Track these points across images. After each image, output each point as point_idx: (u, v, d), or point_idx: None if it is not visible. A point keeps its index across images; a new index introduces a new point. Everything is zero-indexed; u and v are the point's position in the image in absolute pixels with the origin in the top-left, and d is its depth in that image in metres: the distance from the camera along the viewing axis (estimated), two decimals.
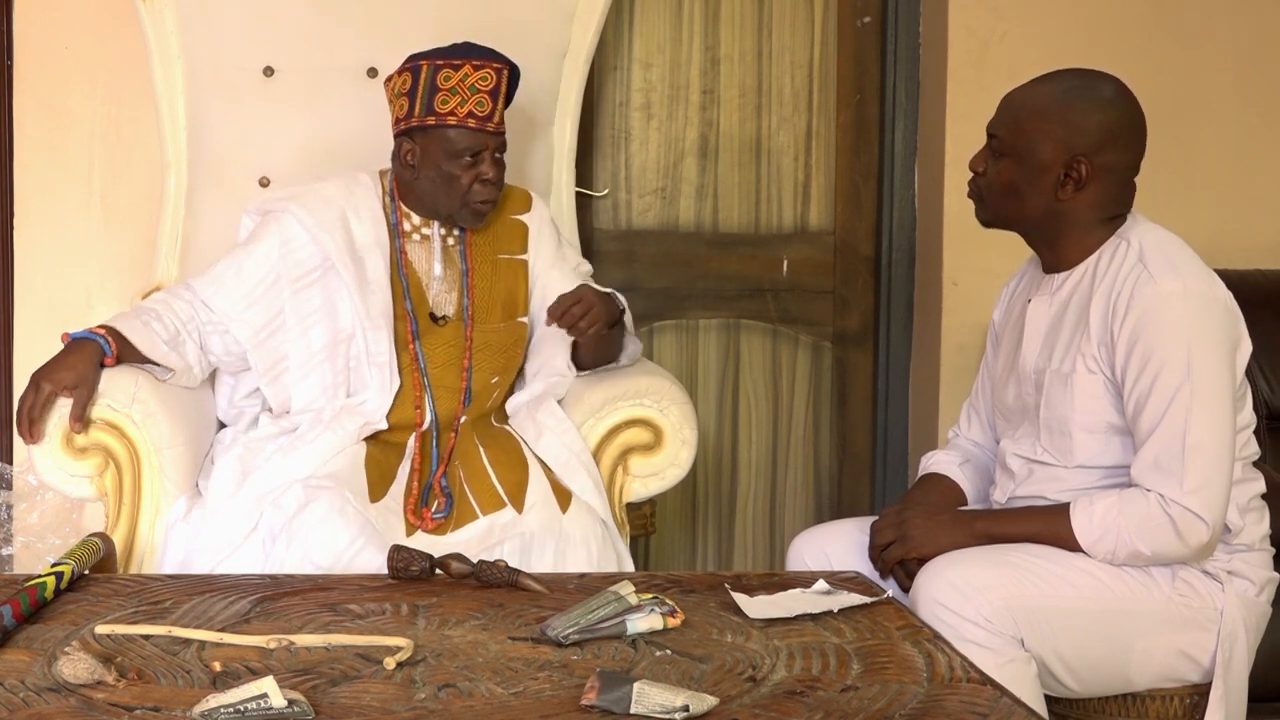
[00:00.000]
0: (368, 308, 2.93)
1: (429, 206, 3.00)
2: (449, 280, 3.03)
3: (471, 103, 2.89)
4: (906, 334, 4.07)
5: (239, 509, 2.78)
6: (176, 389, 2.90)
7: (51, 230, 3.68)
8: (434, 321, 3.00)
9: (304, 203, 2.99)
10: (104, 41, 3.63)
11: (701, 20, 4.02)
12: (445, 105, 2.89)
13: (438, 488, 2.87)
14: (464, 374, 2.98)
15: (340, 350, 2.94)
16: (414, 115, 2.91)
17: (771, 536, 4.14)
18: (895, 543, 2.55)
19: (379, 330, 2.93)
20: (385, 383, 2.92)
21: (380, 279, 2.96)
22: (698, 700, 1.78)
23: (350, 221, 2.99)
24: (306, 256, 2.96)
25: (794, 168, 4.08)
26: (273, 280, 2.95)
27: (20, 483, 3.58)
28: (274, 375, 2.95)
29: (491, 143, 2.92)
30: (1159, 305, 2.39)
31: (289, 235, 2.96)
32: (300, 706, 1.74)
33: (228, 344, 2.94)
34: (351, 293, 2.93)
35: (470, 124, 2.89)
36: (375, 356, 2.92)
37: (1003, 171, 2.52)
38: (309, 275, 2.95)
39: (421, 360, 2.95)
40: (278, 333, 2.94)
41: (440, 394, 2.96)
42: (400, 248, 3.01)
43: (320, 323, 2.95)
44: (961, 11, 3.84)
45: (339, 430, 2.87)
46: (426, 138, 2.92)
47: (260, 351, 2.94)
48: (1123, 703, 2.49)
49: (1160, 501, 2.37)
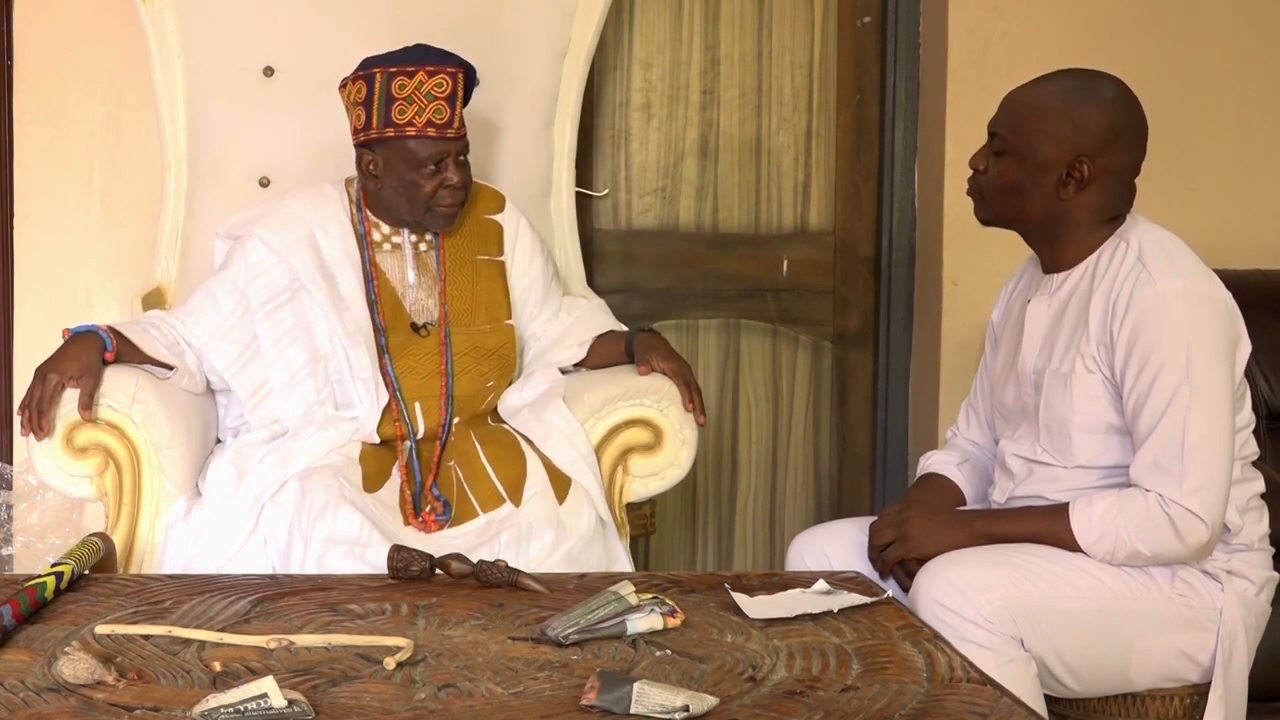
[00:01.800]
0: (344, 325, 2.92)
1: (395, 215, 2.98)
2: (425, 286, 3.02)
3: (429, 111, 2.86)
4: (906, 334, 4.07)
5: (236, 511, 2.78)
6: (177, 390, 2.90)
7: (51, 230, 3.68)
8: (416, 331, 2.99)
9: (269, 224, 2.97)
10: (104, 41, 3.63)
11: (701, 20, 4.02)
12: (403, 115, 2.86)
13: (430, 496, 2.87)
14: (444, 380, 2.97)
15: (320, 368, 2.93)
16: (372, 127, 2.89)
17: (771, 536, 4.14)
18: (895, 543, 2.55)
19: (358, 346, 2.91)
20: (373, 397, 2.91)
21: (354, 294, 2.95)
22: (698, 700, 1.78)
23: (318, 238, 2.97)
24: (275, 278, 2.95)
25: (794, 168, 4.08)
26: (244, 309, 2.94)
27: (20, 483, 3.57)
28: (259, 399, 2.94)
29: (453, 148, 2.90)
30: (1158, 305, 2.39)
31: (255, 260, 2.95)
32: (300, 706, 1.74)
33: (209, 368, 2.95)
34: (326, 312, 2.92)
35: (430, 133, 2.86)
36: (359, 372, 2.91)
37: (1004, 170, 2.51)
38: (278, 297, 2.94)
39: (393, 374, 2.94)
40: (255, 359, 2.94)
41: (428, 404, 2.96)
42: (370, 259, 3.00)
43: (296, 342, 2.94)
44: (961, 11, 3.84)
45: (331, 431, 2.87)
46: (387, 149, 2.89)
47: (240, 379, 2.94)
48: (1123, 703, 2.49)
49: (1160, 502, 2.37)
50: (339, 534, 2.65)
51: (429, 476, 2.89)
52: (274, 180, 3.32)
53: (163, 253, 3.36)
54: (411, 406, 2.94)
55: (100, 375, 2.76)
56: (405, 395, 2.94)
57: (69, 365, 2.74)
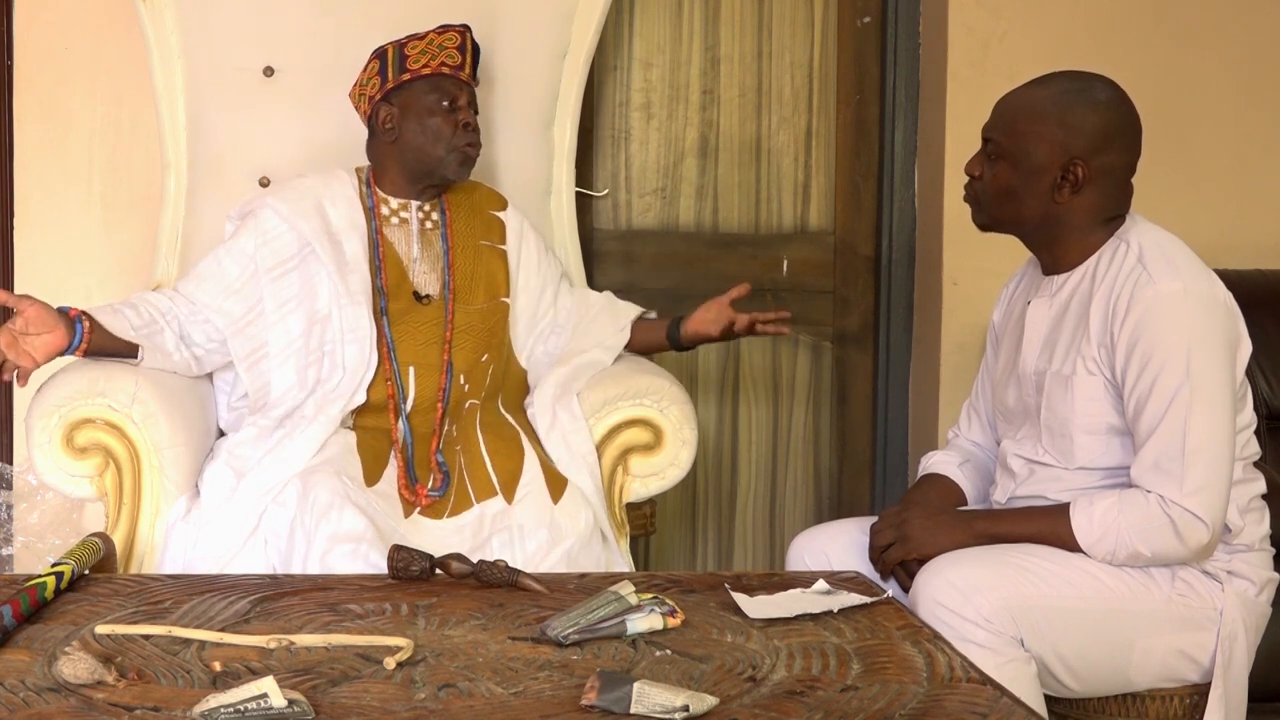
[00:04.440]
0: (347, 285, 2.96)
1: (411, 170, 3.03)
2: (428, 261, 3.05)
3: (441, 56, 3.00)
4: (906, 334, 4.06)
5: (236, 512, 2.78)
6: (177, 389, 2.90)
7: (51, 230, 3.68)
8: (418, 300, 3.02)
9: (280, 194, 3.05)
10: (104, 42, 3.63)
11: (701, 20, 4.02)
12: (416, 62, 3.00)
13: (434, 462, 2.88)
14: (445, 351, 2.98)
15: (315, 332, 2.97)
16: (387, 81, 3.00)
17: (771, 536, 4.14)
18: (895, 543, 2.55)
19: (359, 305, 2.96)
20: (364, 356, 2.94)
21: (359, 258, 3.00)
22: (698, 700, 1.78)
23: (326, 207, 3.03)
24: (284, 245, 3.00)
25: (794, 168, 4.08)
26: (251, 273, 2.99)
27: (20, 483, 3.58)
28: (253, 361, 2.98)
29: (465, 91, 3.01)
30: (1159, 306, 2.39)
31: (266, 228, 3.01)
32: (300, 706, 1.74)
33: (209, 333, 2.96)
34: (330, 273, 2.97)
35: (444, 70, 2.99)
36: (355, 332, 2.94)
37: (999, 175, 2.51)
38: (287, 263, 2.99)
39: (389, 337, 2.97)
40: (256, 321, 2.98)
41: (421, 370, 2.97)
42: (378, 229, 3.04)
43: (298, 309, 2.98)
44: (961, 11, 3.84)
45: (323, 420, 2.88)
46: (402, 96, 3.00)
47: (239, 339, 2.97)
48: (1123, 703, 2.49)
49: (1160, 503, 2.37)
50: (342, 532, 2.65)
51: (430, 444, 2.90)
52: (274, 180, 3.32)
53: (163, 253, 3.36)
54: (405, 370, 2.95)
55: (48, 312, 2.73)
56: (399, 359, 2.96)
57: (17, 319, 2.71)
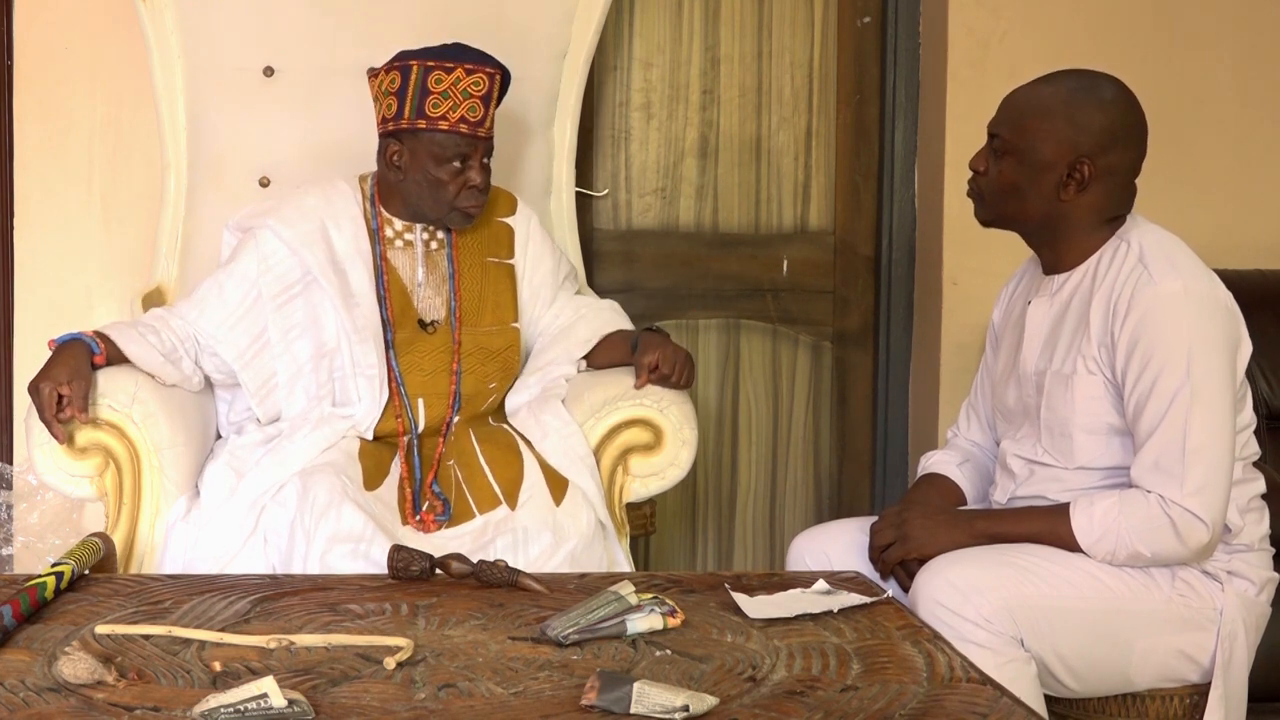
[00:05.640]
0: (353, 320, 2.92)
1: (413, 209, 2.99)
2: (433, 285, 3.02)
3: (464, 108, 2.88)
4: (906, 334, 4.06)
5: (235, 513, 2.78)
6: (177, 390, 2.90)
7: (51, 231, 3.67)
8: (423, 328, 2.99)
9: (282, 217, 2.97)
10: (104, 42, 3.63)
11: (701, 20, 4.02)
12: (437, 109, 2.87)
13: (430, 493, 2.87)
14: (453, 378, 2.98)
15: (324, 363, 2.94)
16: (403, 117, 2.90)
17: (771, 536, 4.14)
18: (895, 543, 2.55)
19: (366, 343, 2.92)
20: (375, 395, 2.91)
21: (365, 290, 2.95)
22: (698, 700, 1.78)
23: (330, 232, 2.97)
24: (287, 271, 2.95)
25: (794, 168, 4.08)
26: (254, 299, 2.94)
27: (20, 483, 3.57)
28: (265, 393, 2.95)
29: (481, 147, 2.92)
30: (1159, 306, 2.39)
31: (268, 251, 2.95)
32: (300, 706, 1.74)
33: (217, 364, 2.95)
34: (336, 306, 2.93)
35: (462, 129, 2.88)
36: (364, 369, 2.92)
37: (1004, 171, 2.51)
38: (291, 289, 2.95)
39: (397, 371, 2.94)
40: (263, 351, 2.94)
41: (430, 400, 2.96)
42: (382, 254, 3.00)
43: (304, 335, 2.94)
44: (961, 11, 3.84)
45: (326, 429, 2.88)
46: (415, 140, 2.90)
47: (249, 371, 2.94)
48: (1123, 703, 2.49)
49: (1160, 503, 2.37)
50: (342, 532, 2.65)
51: (429, 472, 2.89)
52: (274, 180, 3.32)
53: (163, 253, 3.37)
54: (414, 402, 2.94)
55: (89, 377, 2.75)
56: (409, 391, 2.94)
57: (58, 372, 2.71)
